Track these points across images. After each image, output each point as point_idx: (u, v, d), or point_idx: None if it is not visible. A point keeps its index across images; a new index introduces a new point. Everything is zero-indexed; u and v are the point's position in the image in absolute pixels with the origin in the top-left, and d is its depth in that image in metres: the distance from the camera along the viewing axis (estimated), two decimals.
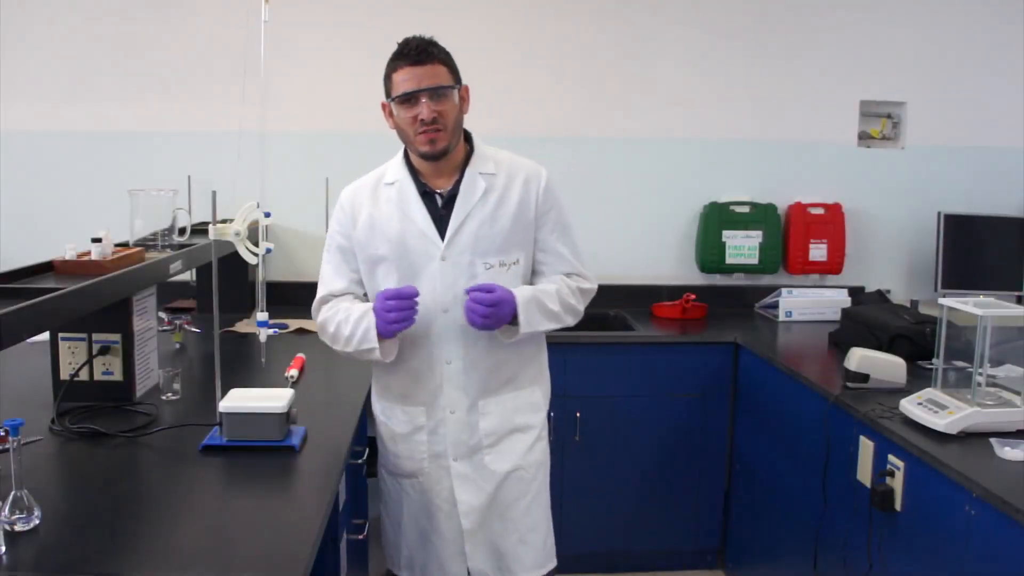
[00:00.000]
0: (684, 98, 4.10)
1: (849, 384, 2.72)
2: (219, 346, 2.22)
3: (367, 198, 2.31)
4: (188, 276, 3.73)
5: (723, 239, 4.08)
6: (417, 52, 2.16)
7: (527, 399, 2.37)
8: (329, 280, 2.35)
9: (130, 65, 3.91)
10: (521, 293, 2.22)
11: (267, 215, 2.78)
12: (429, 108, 2.14)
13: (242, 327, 3.49)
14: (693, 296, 3.93)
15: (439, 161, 2.24)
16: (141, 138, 3.94)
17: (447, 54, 2.23)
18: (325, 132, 4.01)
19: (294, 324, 3.52)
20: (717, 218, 4.07)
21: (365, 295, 2.34)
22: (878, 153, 4.21)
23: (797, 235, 4.10)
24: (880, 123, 4.23)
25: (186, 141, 3.94)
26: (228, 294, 3.10)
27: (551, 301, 2.26)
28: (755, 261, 4.11)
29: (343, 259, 2.34)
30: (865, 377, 2.70)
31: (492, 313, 2.14)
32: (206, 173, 3.73)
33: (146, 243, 2.75)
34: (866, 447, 2.49)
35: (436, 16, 3.95)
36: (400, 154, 2.34)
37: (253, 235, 2.32)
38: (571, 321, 2.34)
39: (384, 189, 2.31)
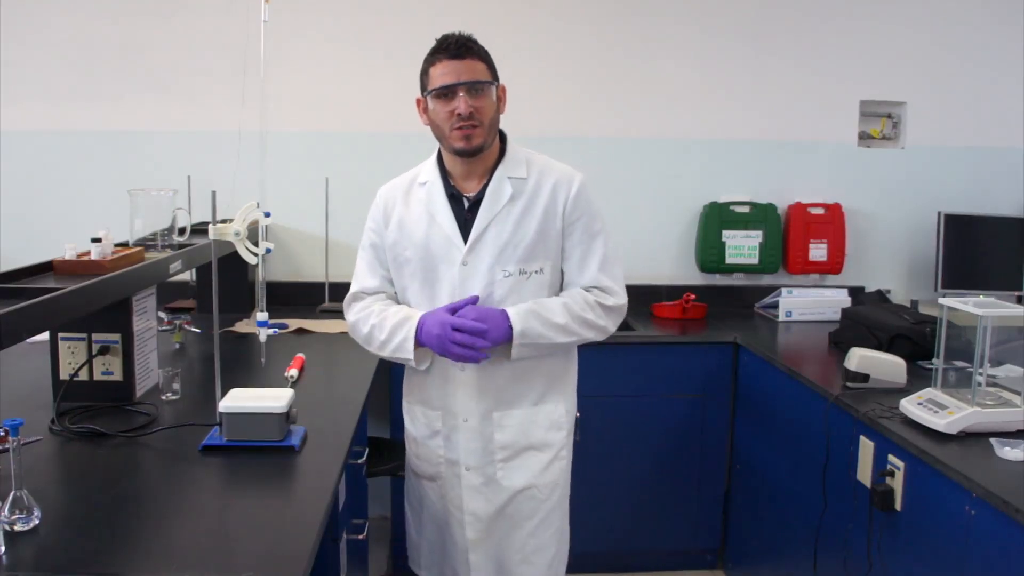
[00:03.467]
0: (684, 98, 4.10)
1: (849, 384, 2.72)
2: (219, 346, 2.22)
3: (400, 198, 2.32)
4: (188, 276, 3.74)
5: (723, 239, 4.08)
6: (456, 46, 2.15)
7: (548, 416, 2.32)
8: (362, 277, 2.36)
9: (130, 65, 3.91)
10: (516, 307, 2.18)
11: (267, 215, 2.78)
12: (466, 103, 2.12)
13: (242, 327, 3.49)
14: (693, 296, 3.93)
15: (471, 161, 2.22)
16: (141, 138, 3.94)
17: (486, 52, 2.22)
18: (325, 132, 4.01)
19: (294, 324, 3.53)
20: (717, 218, 4.07)
21: (396, 294, 2.36)
22: (878, 153, 4.21)
23: (797, 235, 4.10)
24: (880, 123, 4.23)
25: (186, 141, 3.94)
26: (228, 294, 3.10)
27: (555, 313, 2.19)
28: (755, 261, 4.11)
29: (375, 256, 2.35)
30: (865, 377, 2.70)
31: (474, 332, 2.11)
32: (206, 173, 3.74)
33: (146, 243, 2.75)
34: (866, 447, 2.49)
35: (435, 16, 3.95)
36: (434, 154, 2.33)
37: (253, 235, 2.32)
38: (592, 335, 2.26)
39: (416, 190, 2.30)
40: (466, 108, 2.12)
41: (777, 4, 4.08)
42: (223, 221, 2.23)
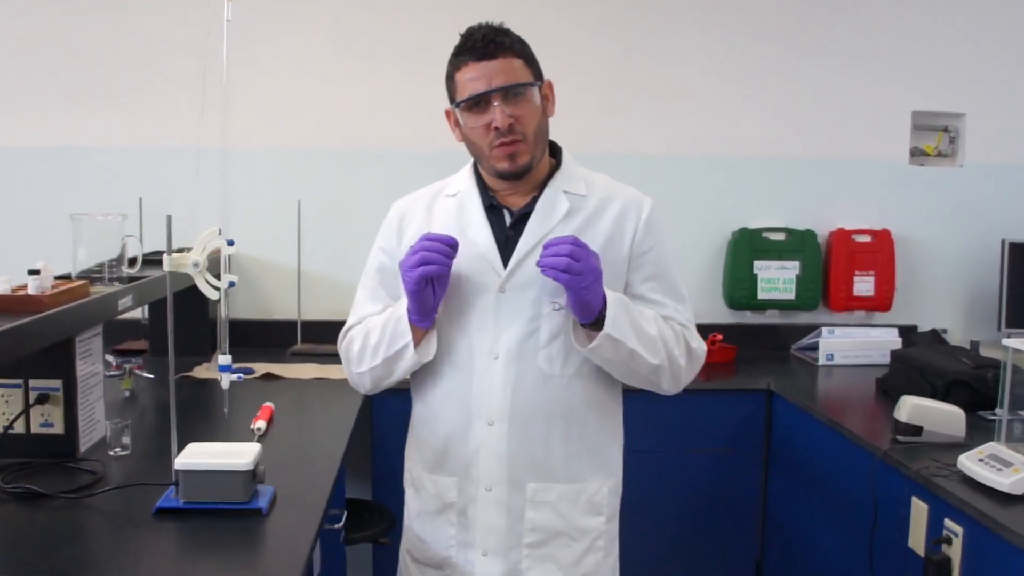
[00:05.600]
0: (710, 110, 4.15)
1: (899, 437, 2.73)
2: (175, 393, 2.23)
3: (420, 211, 2.18)
4: (139, 313, 3.75)
5: (755, 271, 4.11)
6: (484, 44, 1.99)
7: (589, 496, 2.15)
8: (362, 305, 2.22)
9: (73, 71, 3.95)
10: (612, 292, 2.01)
11: (230, 243, 2.80)
12: (503, 113, 1.97)
13: (201, 372, 3.51)
14: (720, 336, 3.94)
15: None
16: (85, 155, 3.98)
17: (522, 43, 2.07)
18: (297, 148, 4.04)
19: (261, 369, 3.55)
20: (748, 246, 4.11)
21: None
22: (933, 172, 4.24)
23: (839, 266, 4.13)
24: (935, 138, 4.27)
25: (137, 158, 3.97)
26: (185, 334, 3.12)
27: (647, 321, 2.04)
28: (791, 296, 4.13)
29: (381, 281, 2.20)
30: (918, 429, 2.71)
31: (576, 255, 1.89)
32: (160, 195, 3.73)
33: (91, 275, 2.77)
34: (919, 510, 2.50)
35: (434, 15, 3.98)
36: (468, 165, 2.20)
37: (214, 266, 2.34)
38: (663, 379, 2.09)
39: (443, 201, 2.17)
40: (504, 120, 1.97)
41: (816, 4, 4.14)
42: (180, 250, 2.25)
